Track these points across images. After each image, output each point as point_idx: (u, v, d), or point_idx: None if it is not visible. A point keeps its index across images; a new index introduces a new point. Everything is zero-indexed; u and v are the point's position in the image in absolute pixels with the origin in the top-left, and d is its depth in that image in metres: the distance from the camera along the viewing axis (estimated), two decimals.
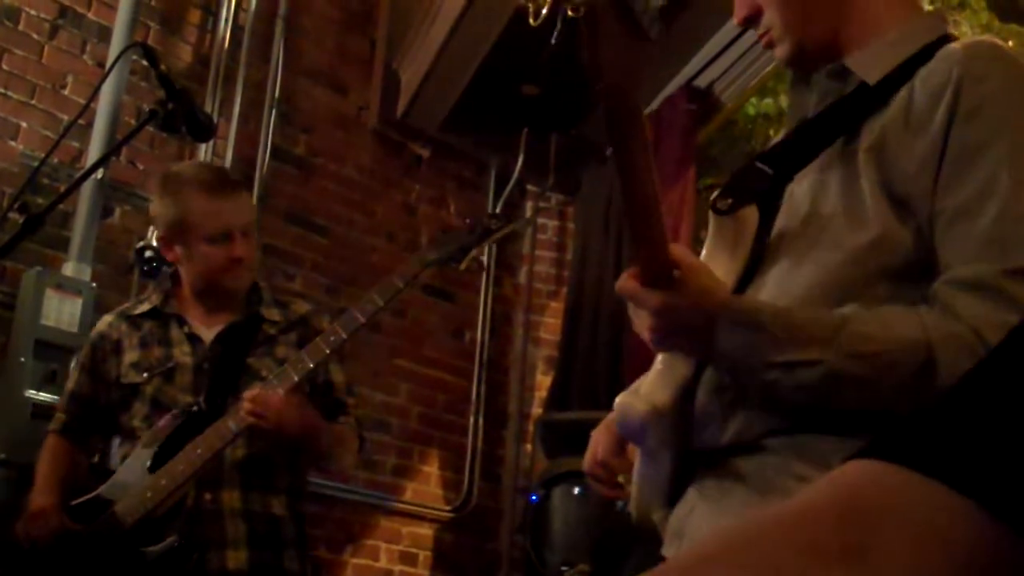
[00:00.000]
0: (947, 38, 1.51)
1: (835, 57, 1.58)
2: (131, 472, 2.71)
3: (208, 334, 2.85)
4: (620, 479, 1.76)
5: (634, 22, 1.19)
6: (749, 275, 1.54)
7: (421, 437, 5.34)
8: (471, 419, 5.52)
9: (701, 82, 4.99)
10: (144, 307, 2.95)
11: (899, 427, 0.56)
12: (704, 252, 1.58)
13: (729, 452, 1.46)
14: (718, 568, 0.53)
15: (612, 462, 1.78)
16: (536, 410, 5.55)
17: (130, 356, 2.86)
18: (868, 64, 1.52)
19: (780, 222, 1.53)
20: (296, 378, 2.63)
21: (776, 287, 1.48)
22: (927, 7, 7.90)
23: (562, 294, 5.73)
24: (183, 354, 2.83)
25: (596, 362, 5.07)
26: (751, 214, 1.54)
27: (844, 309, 1.37)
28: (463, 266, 2.79)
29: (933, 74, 1.42)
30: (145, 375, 2.81)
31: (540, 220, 5.94)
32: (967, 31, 8.45)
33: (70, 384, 2.97)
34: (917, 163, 1.38)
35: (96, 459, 3.01)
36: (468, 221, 2.81)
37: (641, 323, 1.45)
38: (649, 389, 1.51)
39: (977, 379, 0.56)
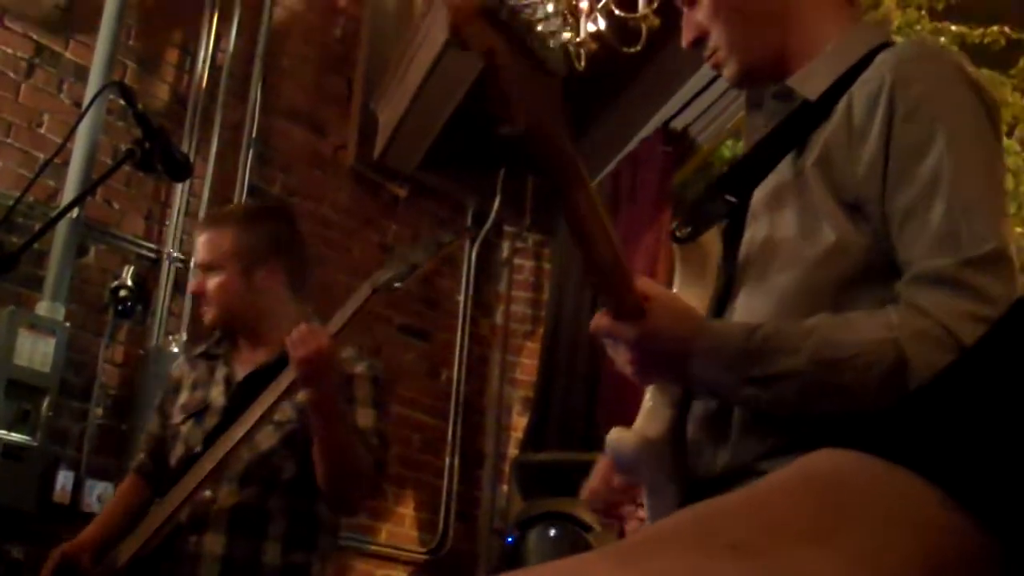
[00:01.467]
0: (886, 45, 1.54)
1: (782, 75, 1.61)
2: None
3: (242, 375, 2.82)
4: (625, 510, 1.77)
5: (537, 61, 1.25)
6: (724, 299, 1.57)
7: (396, 478, 5.31)
8: (447, 460, 5.50)
9: (677, 124, 5.03)
10: (201, 347, 2.97)
11: (871, 419, 0.56)
12: (675, 282, 1.62)
13: (726, 479, 1.46)
14: (679, 546, 0.53)
15: (603, 490, 1.78)
16: (512, 451, 5.53)
17: (182, 397, 2.87)
18: (808, 81, 1.55)
19: (744, 244, 1.56)
20: (341, 323, 2.63)
21: (744, 310, 1.52)
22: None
23: (538, 334, 5.74)
24: (217, 395, 2.81)
25: (572, 403, 5.07)
26: (713, 239, 1.58)
27: (813, 319, 1.39)
28: (410, 285, 2.76)
29: (868, 82, 1.46)
30: (183, 416, 2.82)
31: (516, 260, 5.96)
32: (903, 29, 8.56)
33: (148, 424, 3.01)
34: (864, 169, 1.41)
35: None
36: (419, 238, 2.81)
37: (621, 358, 1.47)
38: (641, 423, 1.55)
39: (949, 376, 0.57)
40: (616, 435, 1.54)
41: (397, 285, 2.62)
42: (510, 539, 4.52)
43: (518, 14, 1.25)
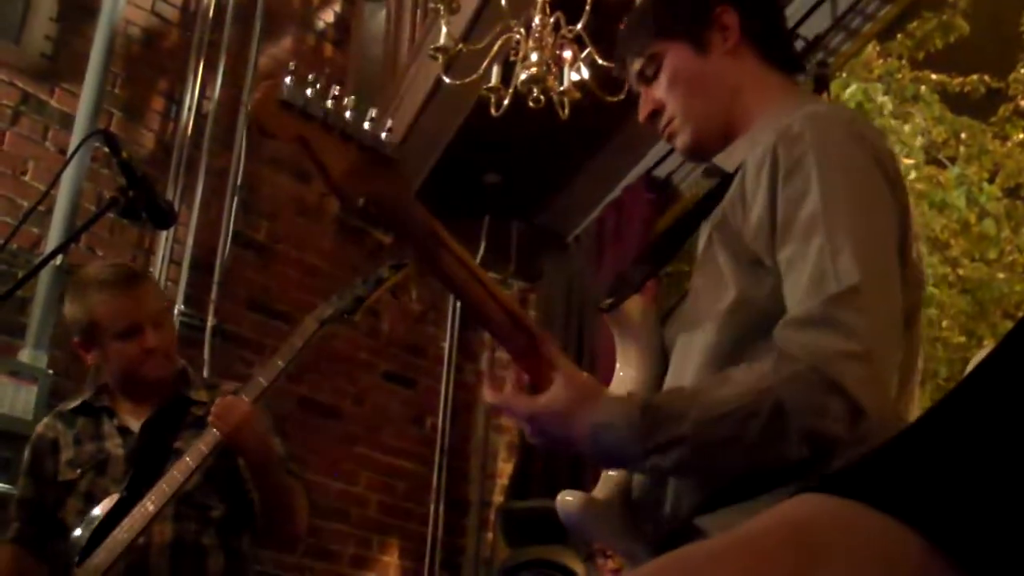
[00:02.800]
0: None
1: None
2: (63, 570, 2.67)
3: (137, 424, 2.82)
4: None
5: (365, 145, 1.39)
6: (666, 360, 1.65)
7: (380, 526, 5.28)
8: (431, 507, 5.47)
9: (661, 171, 5.06)
10: (76, 403, 2.91)
11: (847, 463, 0.56)
12: (617, 351, 1.70)
13: (675, 539, 1.49)
14: None
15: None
16: (497, 498, 5.51)
17: (66, 454, 2.81)
18: (730, 156, 1.65)
19: (678, 311, 1.66)
20: (264, 384, 2.70)
21: (675, 370, 1.60)
22: (880, 97, 7.98)
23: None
24: (114, 446, 2.79)
25: None
26: (639, 307, 1.67)
27: (700, 382, 1.47)
28: (357, 317, 2.83)
29: (758, 147, 1.54)
30: (78, 471, 2.77)
31: None
32: (920, 123, 8.63)
33: (17, 491, 2.91)
34: (754, 228, 1.48)
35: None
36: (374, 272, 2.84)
37: (523, 429, 1.54)
38: (599, 485, 1.61)
39: (926, 419, 0.57)
40: (561, 498, 1.59)
41: (347, 317, 2.70)
42: None
43: (330, 107, 1.38)
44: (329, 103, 1.40)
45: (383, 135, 1.43)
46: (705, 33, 1.71)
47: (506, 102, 3.63)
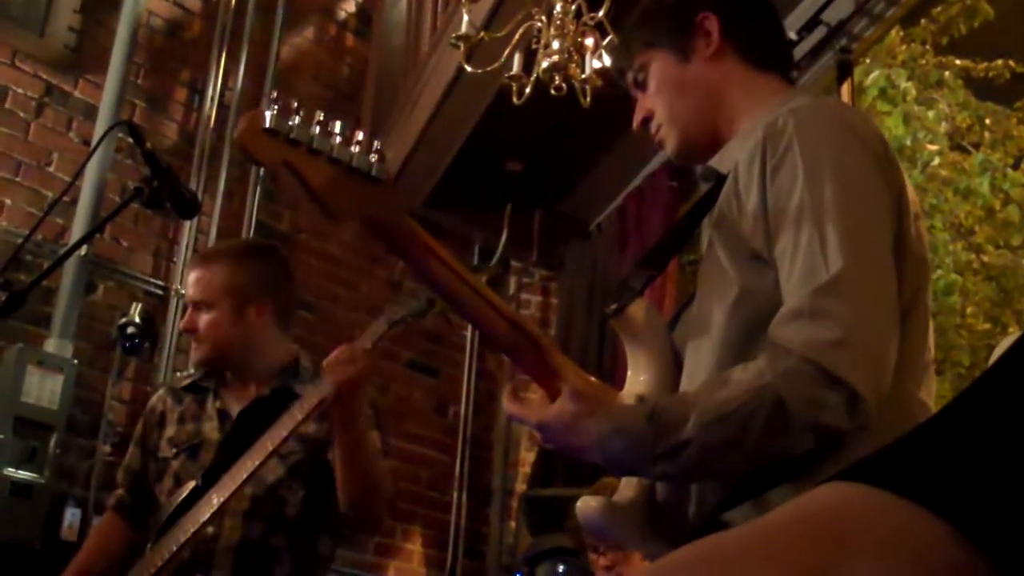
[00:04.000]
0: None
1: (716, 152, 1.73)
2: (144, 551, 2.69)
3: (237, 409, 2.80)
4: None
5: (351, 168, 1.43)
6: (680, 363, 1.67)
7: (404, 514, 5.30)
8: (455, 496, 5.48)
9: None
10: (187, 380, 2.92)
11: (876, 451, 0.56)
12: (627, 356, 1.71)
13: (696, 534, 1.46)
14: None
15: None
16: (520, 486, 5.51)
17: (169, 431, 2.83)
18: (724, 158, 1.67)
19: (688, 312, 1.69)
20: (382, 330, 2.60)
21: (689, 368, 1.61)
22: (903, 83, 7.93)
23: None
24: (211, 430, 2.78)
25: None
26: (644, 311, 1.69)
27: (700, 384, 1.51)
28: (427, 321, 2.77)
29: (748, 143, 1.57)
30: (174, 451, 2.78)
31: (523, 296, 5.96)
32: (944, 109, 8.57)
33: (126, 459, 2.95)
34: (750, 223, 1.51)
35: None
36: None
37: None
38: (619, 489, 1.63)
39: (955, 407, 0.57)
40: (582, 502, 1.61)
41: (415, 320, 2.65)
42: (519, 575, 4.50)
43: (314, 133, 1.42)
44: (315, 129, 1.44)
45: (372, 156, 1.46)
46: (687, 40, 1.75)
47: (528, 90, 3.63)
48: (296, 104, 1.46)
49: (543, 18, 3.59)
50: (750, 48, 1.76)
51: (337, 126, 1.46)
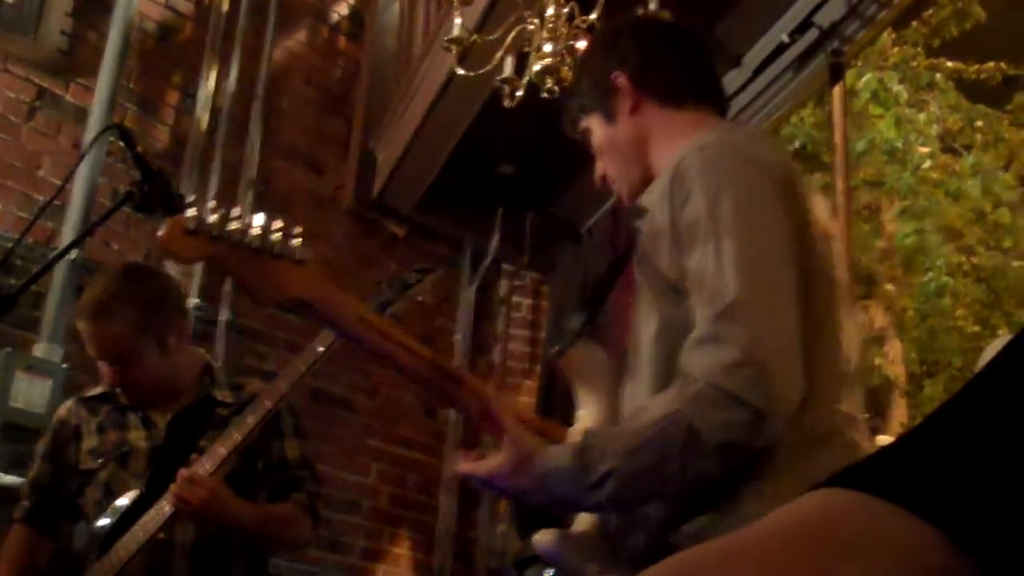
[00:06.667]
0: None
1: None
2: (77, 560, 2.68)
3: (162, 419, 2.81)
4: None
5: (274, 254, 1.59)
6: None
7: (392, 518, 5.29)
8: (442, 499, 5.48)
9: None
10: (98, 389, 2.90)
11: (866, 457, 0.56)
12: (574, 394, 1.85)
13: (652, 558, 1.53)
14: None
15: None
16: None
17: (88, 442, 2.81)
18: (649, 195, 1.76)
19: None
20: (224, 453, 2.56)
21: (628, 399, 1.72)
22: (895, 85, 7.93)
23: (536, 373, 5.73)
24: (138, 439, 2.79)
25: None
26: (584, 351, 1.83)
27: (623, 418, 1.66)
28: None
29: (661, 182, 1.69)
30: (99, 461, 2.77)
31: (514, 298, 5.96)
32: (935, 111, 8.59)
33: (32, 472, 2.92)
34: (665, 257, 1.62)
35: (59, 543, 2.94)
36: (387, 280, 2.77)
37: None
38: (576, 521, 1.74)
39: (944, 412, 0.57)
40: (538, 536, 1.71)
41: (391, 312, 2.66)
42: None
43: (235, 228, 1.57)
44: (234, 224, 1.57)
45: (292, 241, 1.61)
46: (609, 101, 1.88)
47: (520, 93, 3.63)
48: (214, 204, 1.61)
49: (535, 21, 3.59)
50: (664, 92, 1.87)
51: (258, 218, 1.61)
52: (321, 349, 2.59)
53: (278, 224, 1.61)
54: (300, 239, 1.62)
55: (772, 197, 1.60)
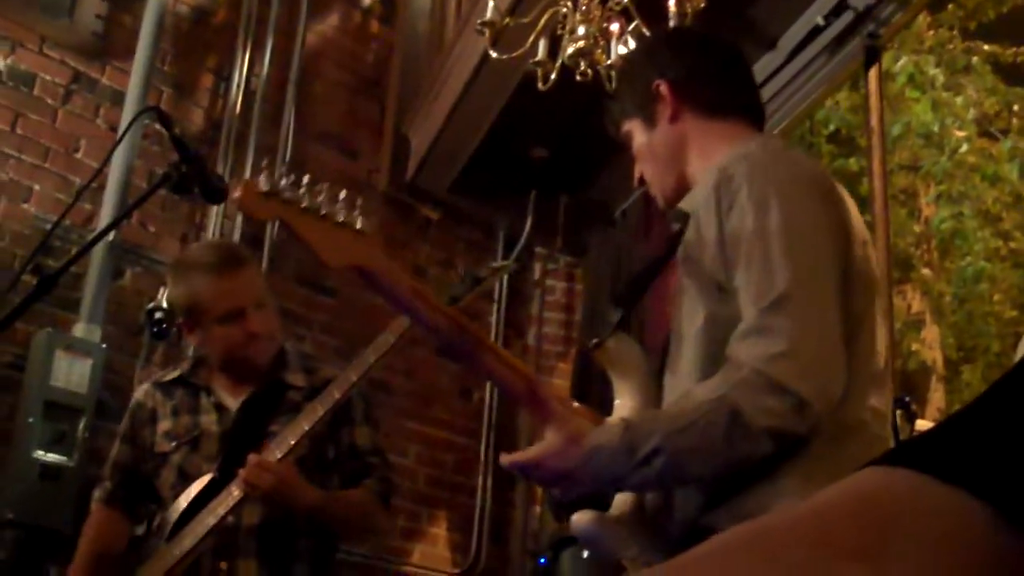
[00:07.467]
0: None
1: None
2: (152, 543, 2.71)
3: (234, 403, 2.83)
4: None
5: (339, 222, 1.67)
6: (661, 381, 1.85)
7: (429, 499, 5.32)
8: (479, 480, 5.50)
9: None
10: (174, 374, 2.93)
11: (919, 435, 0.56)
12: (613, 385, 1.91)
13: (687, 540, 1.62)
14: (727, 560, 0.53)
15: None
16: None
17: (163, 425, 2.84)
18: (690, 201, 1.85)
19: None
20: (292, 441, 2.59)
21: (668, 388, 1.80)
22: (931, 69, 7.88)
23: (571, 355, 5.73)
24: (210, 423, 2.81)
25: None
26: (621, 343, 1.89)
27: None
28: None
29: (706, 187, 1.76)
30: (173, 444, 2.80)
31: (548, 282, 5.96)
32: (972, 95, 8.51)
33: (113, 453, 2.95)
34: (711, 258, 1.69)
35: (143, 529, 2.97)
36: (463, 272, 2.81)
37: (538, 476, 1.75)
38: (613, 505, 1.79)
39: (995, 391, 0.56)
40: (576, 517, 1.77)
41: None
42: (543, 560, 4.51)
43: (303, 193, 1.66)
44: (303, 191, 1.66)
45: (355, 212, 1.71)
46: (650, 107, 1.96)
47: (553, 76, 3.62)
48: (284, 168, 1.64)
49: (569, 3, 3.58)
50: (703, 102, 1.94)
51: (324, 187, 1.70)
52: (392, 340, 2.62)
53: (343, 195, 1.71)
54: (360, 207, 1.71)
55: (815, 201, 1.69)
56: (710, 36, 2.09)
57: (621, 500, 1.78)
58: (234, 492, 2.58)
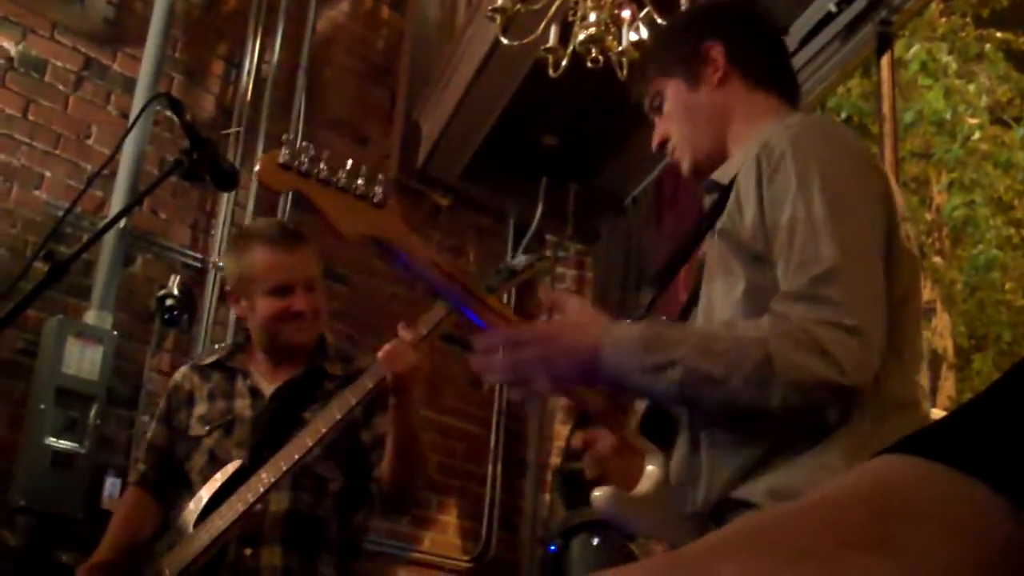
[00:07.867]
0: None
1: None
2: (180, 527, 2.71)
3: (269, 388, 2.83)
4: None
5: (358, 195, 1.71)
6: None
7: (439, 486, 5.32)
8: (489, 468, 5.51)
9: None
10: (212, 357, 2.94)
11: (932, 424, 0.56)
12: None
13: (716, 515, 1.65)
14: (742, 549, 0.53)
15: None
16: (555, 459, 5.52)
17: (200, 408, 2.84)
18: (726, 171, 1.84)
19: (697, 310, 1.82)
20: (324, 429, 2.58)
21: None
22: (944, 56, 7.86)
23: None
24: (243, 407, 2.81)
25: None
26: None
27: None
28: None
29: (747, 159, 1.73)
30: (207, 428, 2.80)
31: (558, 269, 5.95)
32: (984, 82, 8.47)
33: (148, 435, 2.97)
34: (750, 228, 1.67)
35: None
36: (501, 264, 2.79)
37: (526, 364, 1.67)
38: (640, 483, 1.76)
39: (1008, 379, 0.56)
40: (596, 494, 1.75)
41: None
42: (553, 548, 4.51)
43: (323, 167, 1.69)
44: (323, 164, 1.69)
45: (376, 185, 1.73)
46: (696, 68, 1.92)
47: (564, 63, 3.62)
48: (305, 144, 1.71)
49: None
50: (753, 71, 1.92)
51: (348, 163, 1.73)
52: (424, 332, 2.62)
53: (363, 169, 1.72)
54: (380, 181, 1.73)
55: (860, 174, 1.68)
56: (760, 12, 2.07)
57: (647, 478, 1.75)
58: (263, 477, 2.58)
